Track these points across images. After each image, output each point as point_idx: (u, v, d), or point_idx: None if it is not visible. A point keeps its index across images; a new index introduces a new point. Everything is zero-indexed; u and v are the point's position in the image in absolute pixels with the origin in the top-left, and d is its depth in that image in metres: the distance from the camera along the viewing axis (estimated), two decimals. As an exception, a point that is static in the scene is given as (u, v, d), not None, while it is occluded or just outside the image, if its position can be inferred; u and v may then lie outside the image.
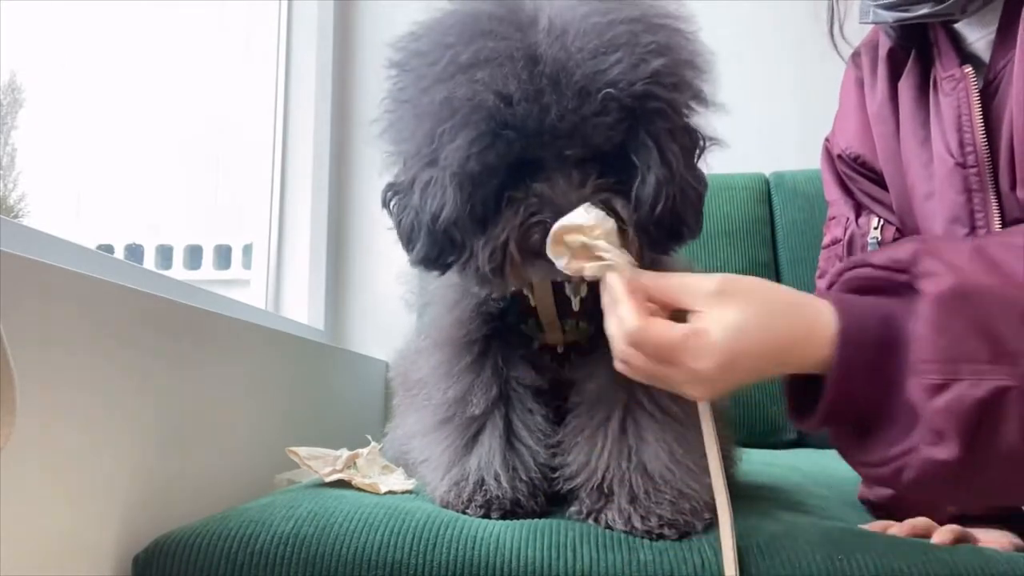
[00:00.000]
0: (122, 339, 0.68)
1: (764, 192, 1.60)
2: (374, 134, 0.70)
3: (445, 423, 0.74)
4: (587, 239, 0.59)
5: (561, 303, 0.75)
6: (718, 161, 0.72)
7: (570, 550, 0.63)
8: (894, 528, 0.74)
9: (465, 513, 0.70)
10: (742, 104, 0.73)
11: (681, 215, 0.66)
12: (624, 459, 0.68)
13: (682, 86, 0.64)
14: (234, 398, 0.92)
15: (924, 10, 0.78)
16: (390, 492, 0.79)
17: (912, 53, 0.85)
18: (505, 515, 0.70)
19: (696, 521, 0.66)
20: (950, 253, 0.54)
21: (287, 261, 1.64)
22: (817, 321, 0.56)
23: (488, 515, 0.70)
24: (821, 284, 0.94)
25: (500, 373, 0.74)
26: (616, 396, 0.71)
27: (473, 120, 0.60)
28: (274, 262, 1.63)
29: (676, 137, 0.64)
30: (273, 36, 1.68)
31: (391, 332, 1.50)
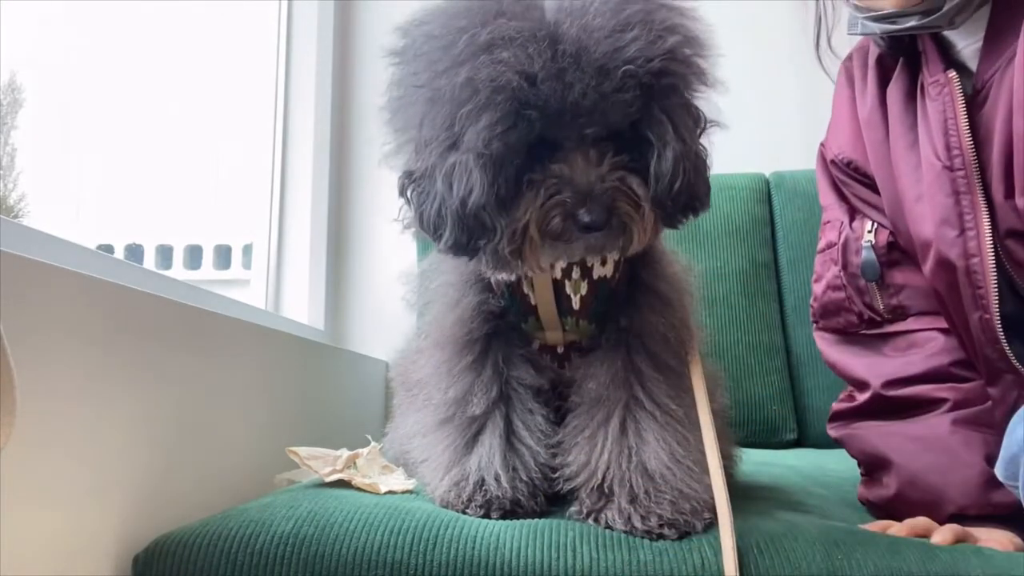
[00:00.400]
0: (122, 339, 0.68)
1: (764, 192, 1.60)
2: (379, 123, 0.70)
3: (445, 423, 0.74)
4: None
5: (561, 301, 0.75)
6: (718, 161, 0.72)
7: (570, 550, 0.63)
8: (894, 528, 0.74)
9: (465, 513, 0.70)
10: (742, 104, 0.73)
11: (695, 189, 0.67)
12: (624, 459, 0.69)
13: (692, 63, 0.65)
14: (234, 398, 0.92)
15: (912, 23, 0.79)
16: (390, 492, 0.79)
17: (900, 60, 0.86)
18: (505, 515, 0.70)
19: (696, 521, 0.66)
20: None
21: (287, 261, 1.64)
22: None
23: (488, 515, 0.70)
24: (817, 288, 0.95)
25: (500, 373, 0.74)
26: (616, 396, 0.71)
27: (497, 101, 0.60)
28: (274, 262, 1.63)
29: (689, 112, 0.66)
30: (273, 36, 1.68)
31: (391, 332, 1.50)
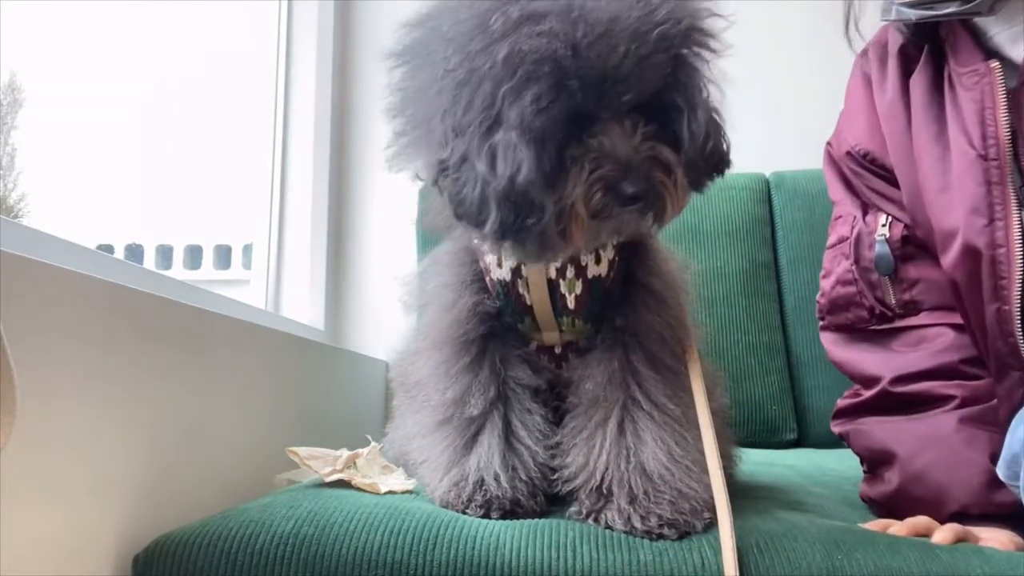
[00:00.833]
0: (122, 339, 0.68)
1: (764, 192, 1.60)
2: (381, 122, 0.70)
3: (444, 424, 0.74)
4: None
5: (556, 301, 0.75)
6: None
7: (570, 550, 0.63)
8: (894, 527, 0.74)
9: (465, 513, 0.70)
10: (742, 104, 0.73)
11: (720, 148, 0.69)
12: (623, 460, 0.68)
13: (710, 31, 0.67)
14: (234, 398, 0.92)
15: (951, 8, 0.79)
16: (390, 492, 0.79)
17: (924, 50, 0.85)
18: (505, 515, 0.70)
19: (696, 521, 0.66)
20: None
21: (287, 261, 1.64)
22: None
23: (488, 515, 0.70)
24: (826, 284, 0.94)
25: (498, 373, 0.74)
26: (614, 396, 0.71)
27: (542, 73, 0.60)
28: (274, 262, 1.63)
29: (711, 74, 0.68)
30: (273, 36, 1.68)
31: (391, 332, 1.50)
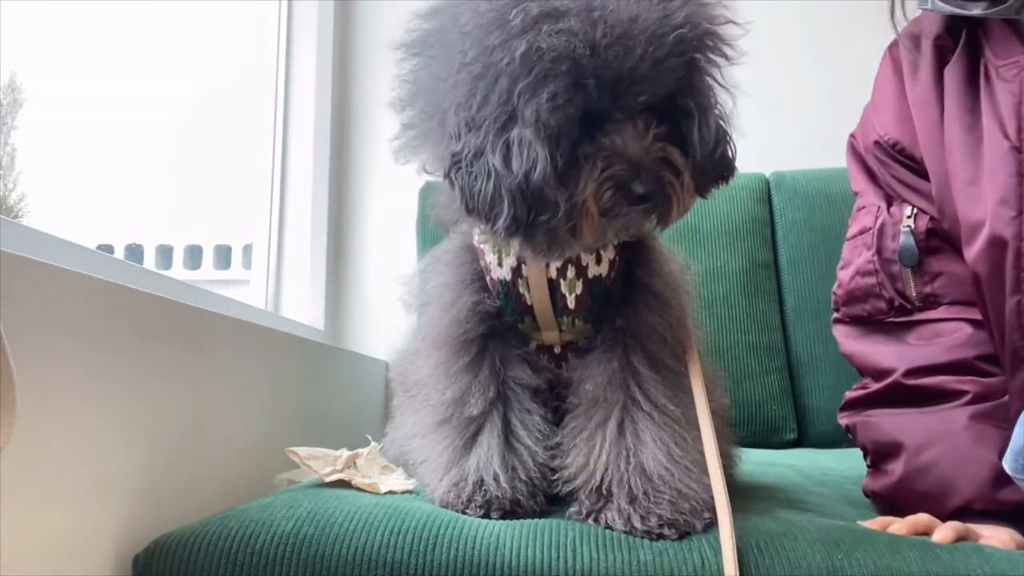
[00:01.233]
0: (122, 339, 0.68)
1: (764, 192, 1.60)
2: (385, 115, 0.70)
3: (444, 424, 0.74)
4: None
5: (556, 300, 0.75)
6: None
7: (570, 550, 0.63)
8: (895, 525, 0.74)
9: (465, 513, 0.70)
10: (742, 104, 0.73)
11: (728, 155, 0.70)
12: (622, 460, 0.68)
13: (723, 36, 0.68)
14: (234, 398, 0.92)
15: (977, 10, 0.81)
16: (390, 492, 0.79)
17: (961, 42, 0.86)
18: (505, 515, 0.70)
19: (696, 521, 0.66)
20: None
21: (287, 261, 1.64)
22: None
23: (488, 515, 0.70)
24: (844, 275, 0.95)
25: (498, 373, 0.74)
26: (614, 397, 0.71)
27: (560, 72, 0.61)
28: (274, 262, 1.63)
29: (719, 81, 0.68)
30: (273, 36, 1.68)
31: (391, 332, 1.50)
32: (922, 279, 0.88)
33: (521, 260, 0.74)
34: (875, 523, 0.76)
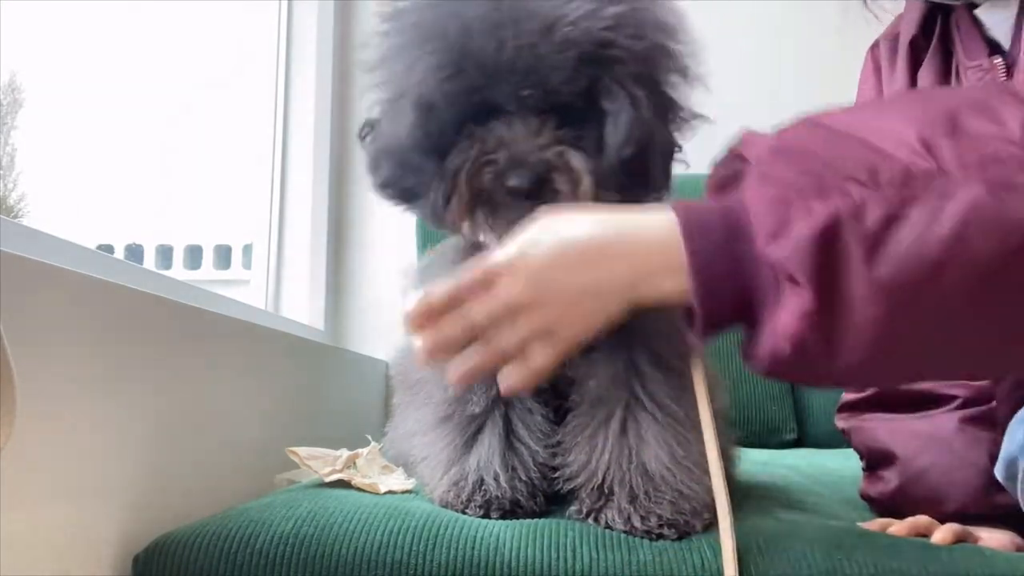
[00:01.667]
0: (122, 339, 0.68)
1: (764, 192, 1.60)
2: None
3: (445, 421, 0.74)
4: None
5: None
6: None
7: (570, 550, 0.63)
8: (894, 527, 0.74)
9: (464, 513, 0.70)
10: (741, 104, 0.73)
11: (648, 164, 0.67)
12: (624, 459, 0.68)
13: (647, 42, 0.65)
14: (234, 398, 0.92)
15: None
16: (390, 492, 0.79)
17: (933, 43, 0.86)
18: (505, 515, 0.70)
19: (696, 521, 0.66)
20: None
21: (287, 261, 1.64)
22: (648, 218, 0.55)
23: (488, 515, 0.69)
24: None
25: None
26: (617, 395, 0.71)
27: (437, 48, 0.63)
28: (274, 262, 1.63)
29: (644, 86, 0.65)
30: (273, 37, 1.68)
31: (391, 332, 1.50)
32: None
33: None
34: (874, 524, 0.76)
